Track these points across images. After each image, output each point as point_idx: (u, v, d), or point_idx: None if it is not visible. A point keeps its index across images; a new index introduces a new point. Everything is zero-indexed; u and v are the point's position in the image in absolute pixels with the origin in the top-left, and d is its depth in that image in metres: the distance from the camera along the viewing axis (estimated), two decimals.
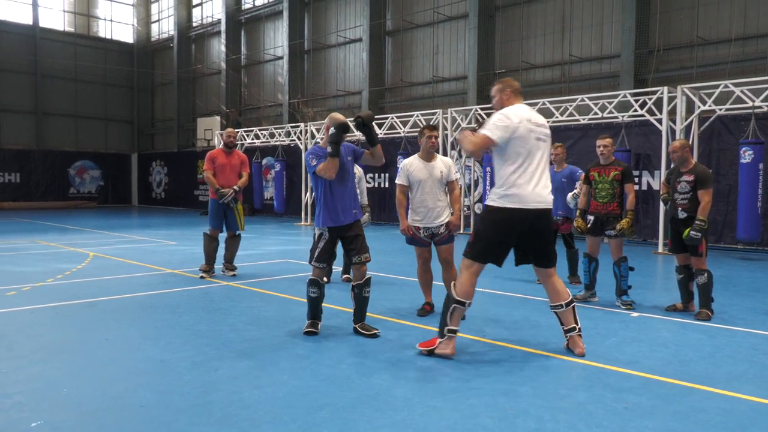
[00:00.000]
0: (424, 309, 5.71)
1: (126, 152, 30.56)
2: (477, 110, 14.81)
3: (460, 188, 14.48)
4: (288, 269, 8.33)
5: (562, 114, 13.37)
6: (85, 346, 4.53)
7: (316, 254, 4.95)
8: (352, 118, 17.52)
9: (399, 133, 16.42)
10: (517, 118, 4.20)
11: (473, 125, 4.73)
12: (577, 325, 4.45)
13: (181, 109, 29.33)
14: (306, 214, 17.98)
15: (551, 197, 4.31)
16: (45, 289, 6.89)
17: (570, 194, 7.09)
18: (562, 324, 4.51)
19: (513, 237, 4.29)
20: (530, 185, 4.19)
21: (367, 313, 5.65)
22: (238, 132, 9.66)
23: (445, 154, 14.90)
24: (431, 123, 15.42)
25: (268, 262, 9.31)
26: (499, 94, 4.44)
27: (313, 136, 18.23)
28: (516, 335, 4.96)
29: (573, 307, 4.46)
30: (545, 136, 4.33)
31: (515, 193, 4.18)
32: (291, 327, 5.18)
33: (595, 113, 12.74)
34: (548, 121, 13.42)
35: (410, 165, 5.61)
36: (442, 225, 5.58)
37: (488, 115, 14.87)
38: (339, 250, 7.62)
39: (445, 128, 14.96)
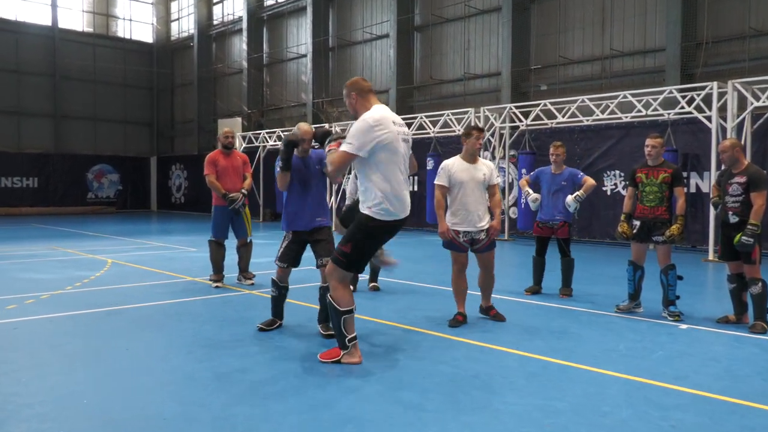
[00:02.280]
0: (457, 320, 5.72)
1: (145, 155, 31.12)
2: (511, 108, 14.74)
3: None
4: (312, 277, 8.38)
5: (602, 112, 13.23)
6: (106, 356, 4.65)
7: (279, 254, 5.42)
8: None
9: (428, 133, 16.43)
10: (379, 122, 4.08)
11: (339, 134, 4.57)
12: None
13: (201, 110, 29.80)
14: (331, 219, 18.08)
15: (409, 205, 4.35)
16: (64, 297, 7.07)
17: (570, 197, 7.04)
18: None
19: (379, 246, 4.45)
20: (402, 193, 4.25)
21: (397, 324, 5.68)
22: (235, 132, 9.62)
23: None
24: (464, 123, 15.40)
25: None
26: (347, 99, 4.34)
27: None
28: (553, 347, 4.93)
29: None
30: (407, 135, 4.34)
31: (391, 204, 4.19)
32: (315, 338, 5.24)
33: (639, 111, 12.58)
34: (588, 120, 13.45)
35: (452, 166, 5.67)
36: (483, 230, 5.66)
37: (523, 114, 14.80)
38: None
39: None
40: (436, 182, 5.72)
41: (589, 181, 7.14)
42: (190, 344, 4.99)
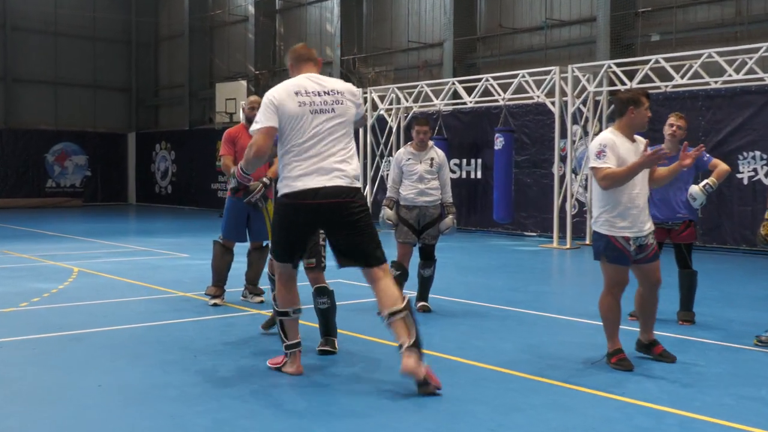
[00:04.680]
0: (624, 358, 5.43)
1: (121, 131, 31.56)
2: (610, 66, 14.52)
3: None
4: (338, 293, 8.41)
5: (737, 70, 12.94)
6: (72, 394, 4.73)
7: None
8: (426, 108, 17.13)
9: (497, 100, 16.30)
10: (278, 94, 4.92)
11: None
12: (410, 340, 4.65)
13: (194, 71, 30.07)
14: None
15: (337, 180, 4.87)
16: (17, 316, 7.24)
17: (697, 187, 6.85)
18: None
19: (302, 231, 5.05)
20: (302, 166, 4.87)
21: (454, 358, 5.66)
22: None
23: (563, 132, 14.70)
24: (545, 87, 15.21)
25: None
26: (289, 70, 5.25)
27: (375, 108, 18.35)
28: (669, 392, 4.85)
29: (404, 318, 4.72)
30: (332, 103, 4.96)
31: (289, 180, 4.90)
32: (343, 373, 5.25)
33: None
34: (717, 82, 13.17)
35: (614, 143, 5.41)
36: (651, 233, 5.53)
37: (627, 74, 14.56)
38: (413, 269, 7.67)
39: (564, 93, 14.74)
40: (598, 165, 5.36)
41: (722, 165, 6.98)
42: (180, 381, 5.04)
